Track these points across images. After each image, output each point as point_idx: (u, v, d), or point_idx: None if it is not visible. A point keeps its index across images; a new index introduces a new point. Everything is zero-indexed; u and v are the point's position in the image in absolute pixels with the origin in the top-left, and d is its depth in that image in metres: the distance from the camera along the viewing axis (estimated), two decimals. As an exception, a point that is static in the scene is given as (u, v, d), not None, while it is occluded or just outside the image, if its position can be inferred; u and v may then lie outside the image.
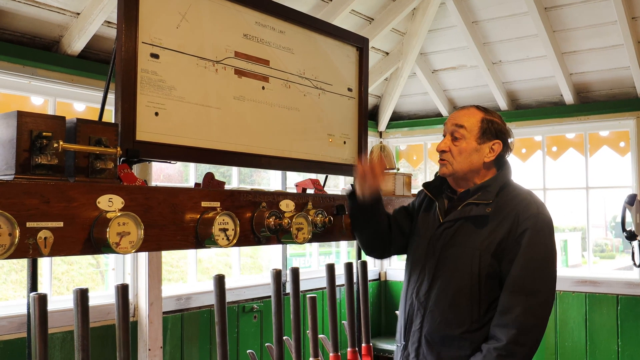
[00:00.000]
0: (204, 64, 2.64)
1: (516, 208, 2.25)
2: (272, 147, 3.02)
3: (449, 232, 2.32)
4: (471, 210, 2.28)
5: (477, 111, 2.35)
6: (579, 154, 5.13)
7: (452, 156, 2.34)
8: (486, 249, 2.23)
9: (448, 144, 2.36)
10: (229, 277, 4.71)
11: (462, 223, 2.30)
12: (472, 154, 2.31)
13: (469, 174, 2.34)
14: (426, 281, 2.35)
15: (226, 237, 2.38)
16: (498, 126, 2.33)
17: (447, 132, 2.38)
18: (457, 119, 2.36)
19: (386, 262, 6.05)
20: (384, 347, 5.36)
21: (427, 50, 5.30)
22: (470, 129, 2.31)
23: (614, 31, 4.41)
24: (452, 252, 2.30)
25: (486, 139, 2.30)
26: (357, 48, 3.68)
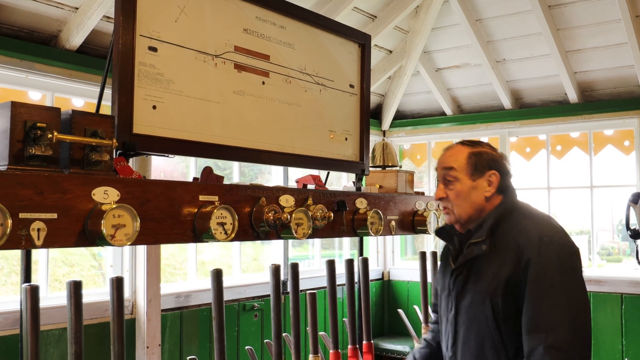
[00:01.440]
0: (203, 58, 2.62)
1: (517, 238, 2.08)
2: (272, 143, 2.99)
3: (460, 279, 2.19)
4: (472, 251, 2.15)
5: (462, 147, 2.23)
6: (584, 153, 5.09)
7: (450, 202, 2.20)
8: (495, 291, 2.06)
9: (443, 190, 2.22)
10: (229, 276, 4.69)
11: (470, 267, 2.16)
12: (471, 193, 2.17)
13: (474, 214, 2.18)
14: (451, 334, 2.23)
15: (224, 231, 2.36)
16: (488, 156, 2.20)
17: (439, 177, 2.26)
18: (444, 162, 2.24)
19: (389, 261, 6.02)
20: (387, 347, 5.33)
21: (430, 48, 5.27)
22: (460, 168, 2.18)
23: (618, 29, 4.37)
24: (466, 301, 2.16)
25: (480, 173, 2.17)
26: (359, 44, 3.66)
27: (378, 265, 6.03)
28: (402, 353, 5.16)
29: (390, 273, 6.00)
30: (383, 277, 6.01)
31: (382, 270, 6.03)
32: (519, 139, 5.42)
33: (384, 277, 6.00)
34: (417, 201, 3.87)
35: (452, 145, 2.28)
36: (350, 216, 3.22)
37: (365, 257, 3.43)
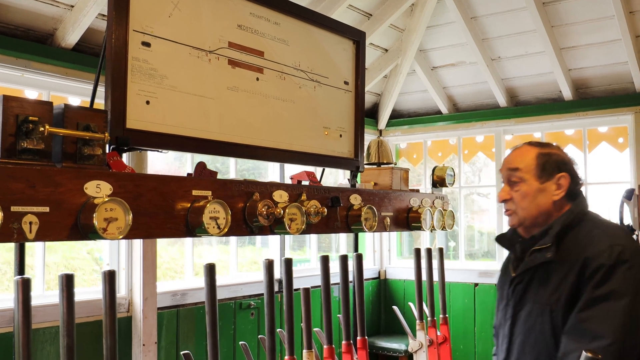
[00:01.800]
0: (197, 54, 2.63)
1: (585, 248, 1.93)
2: (267, 139, 3.00)
3: (520, 288, 2.06)
4: (535, 258, 2.02)
5: (530, 148, 2.12)
6: (578, 150, 5.11)
7: (515, 204, 2.08)
8: (556, 302, 1.93)
9: (507, 191, 2.10)
10: (226, 275, 4.70)
11: (532, 275, 2.04)
12: (537, 195, 2.04)
13: (539, 218, 2.06)
14: (505, 346, 2.12)
15: (217, 226, 2.36)
16: (558, 158, 2.08)
17: (504, 179, 2.15)
18: (510, 162, 2.13)
19: (386, 260, 6.03)
20: (383, 345, 5.34)
21: (426, 46, 5.28)
22: (527, 169, 2.06)
23: (612, 26, 4.39)
24: (524, 312, 2.03)
25: (548, 175, 2.04)
26: (354, 41, 3.67)
27: (375, 264, 6.04)
28: (397, 351, 5.17)
29: (386, 272, 6.01)
30: (380, 276, 6.02)
31: (378, 269, 6.04)
32: (514, 137, 5.44)
33: (380, 276, 6.01)
34: (411, 198, 3.88)
35: (520, 145, 2.18)
36: (344, 212, 3.23)
37: (360, 253, 3.43)
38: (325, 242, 6.00)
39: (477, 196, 7.79)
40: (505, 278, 2.19)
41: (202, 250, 5.22)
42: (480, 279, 5.37)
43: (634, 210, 4.48)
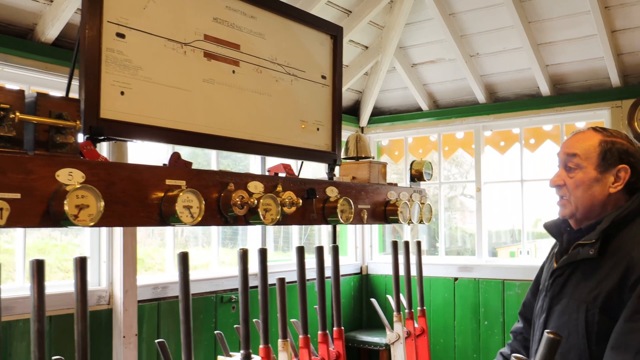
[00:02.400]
0: (172, 46, 2.66)
1: (634, 249, 1.83)
2: (243, 131, 3.04)
3: (560, 281, 1.98)
4: (578, 253, 1.93)
5: (594, 133, 1.99)
6: (556, 145, 5.17)
7: (568, 191, 1.98)
8: (594, 301, 1.84)
9: (562, 177, 2.00)
10: (207, 269, 4.73)
11: (573, 269, 1.95)
12: (593, 185, 1.94)
13: (592, 210, 1.96)
14: (537, 338, 2.05)
15: (190, 215, 2.40)
16: (622, 147, 1.95)
17: (560, 163, 2.03)
18: (569, 147, 2.01)
19: (368, 256, 6.08)
20: (364, 339, 5.38)
21: (405, 44, 5.33)
22: (586, 155, 1.95)
23: (588, 21, 4.45)
24: (560, 306, 1.96)
25: (608, 165, 1.93)
26: (331, 36, 3.71)
27: (357, 259, 6.09)
28: (378, 344, 5.22)
29: (368, 267, 6.06)
30: (361, 271, 6.06)
31: (360, 264, 6.08)
32: (494, 133, 5.50)
33: (362, 271, 6.06)
34: (389, 191, 3.94)
35: (583, 130, 2.04)
36: (320, 204, 3.28)
37: (336, 245, 3.48)
38: (309, 240, 6.05)
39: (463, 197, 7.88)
40: (548, 267, 2.12)
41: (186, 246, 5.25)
42: (460, 274, 5.43)
43: (609, 204, 4.55)
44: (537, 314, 2.10)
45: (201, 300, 4.36)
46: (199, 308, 4.32)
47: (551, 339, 1.65)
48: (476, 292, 5.35)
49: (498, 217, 6.14)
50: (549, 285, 2.02)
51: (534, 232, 7.67)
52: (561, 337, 1.66)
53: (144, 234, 5.01)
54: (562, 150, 2.04)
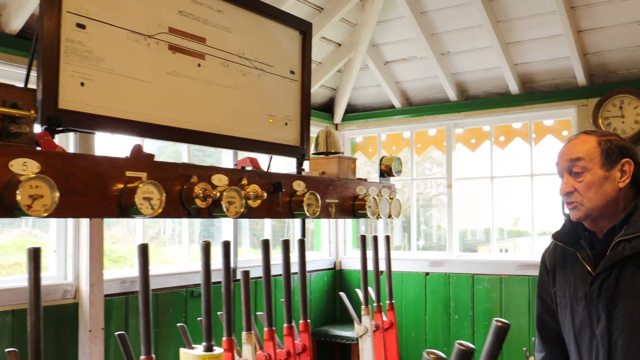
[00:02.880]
0: (135, 38, 2.67)
1: None
2: (208, 124, 3.05)
3: (609, 283, 1.94)
4: (624, 248, 1.91)
5: (589, 136, 2.04)
6: (525, 143, 5.24)
7: (580, 195, 1.98)
8: None
9: (571, 183, 2.00)
10: (177, 264, 4.73)
11: (622, 268, 1.92)
12: (603, 184, 1.96)
13: (606, 208, 1.97)
14: (602, 348, 1.95)
15: (151, 207, 2.41)
16: (619, 143, 2.02)
17: (564, 170, 2.04)
18: (570, 152, 2.03)
19: (341, 251, 6.11)
20: (337, 333, 5.41)
21: (378, 41, 5.36)
22: (590, 157, 1.98)
23: (555, 21, 4.50)
24: (623, 308, 1.91)
25: (612, 162, 1.98)
26: (300, 31, 3.73)
27: (330, 255, 6.11)
28: (350, 338, 5.24)
29: (342, 263, 6.09)
30: (335, 266, 6.09)
31: (334, 260, 6.11)
32: (465, 131, 5.55)
33: (336, 266, 6.09)
34: (357, 186, 3.97)
35: (577, 135, 2.08)
36: (287, 198, 3.30)
37: (303, 238, 3.51)
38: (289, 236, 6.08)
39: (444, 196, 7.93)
40: (573, 278, 2.06)
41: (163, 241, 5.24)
42: (431, 269, 5.48)
43: (575, 201, 4.62)
44: (582, 327, 2.03)
45: (171, 294, 4.36)
46: (169, 302, 4.32)
47: (499, 326, 1.70)
48: (447, 287, 5.40)
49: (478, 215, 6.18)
50: (595, 292, 1.97)
51: (513, 230, 7.76)
52: (508, 325, 1.70)
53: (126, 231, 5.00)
54: (563, 158, 2.04)
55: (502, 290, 5.13)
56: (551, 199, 4.94)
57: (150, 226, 5.08)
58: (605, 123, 4.58)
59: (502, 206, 5.66)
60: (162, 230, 5.22)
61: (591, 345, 2.00)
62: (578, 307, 2.03)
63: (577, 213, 2.01)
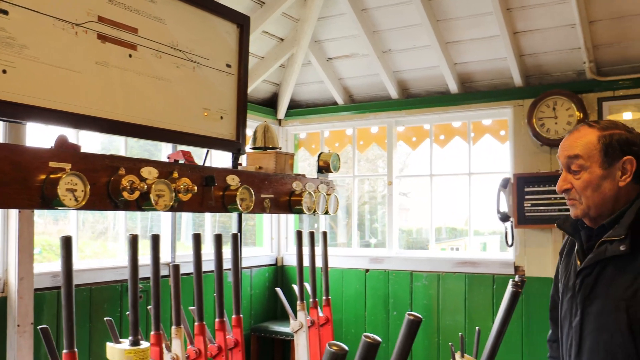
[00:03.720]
0: (62, 26, 2.61)
1: None
2: (140, 116, 3.01)
3: (589, 281, 1.94)
4: (606, 250, 1.89)
5: (590, 129, 1.95)
6: (464, 141, 5.33)
7: (578, 193, 1.95)
8: (632, 298, 1.82)
9: (568, 180, 1.97)
10: (113, 258, 4.66)
11: (603, 267, 1.91)
12: (601, 183, 1.91)
13: (605, 207, 1.93)
14: (574, 342, 1.99)
15: (74, 198, 2.36)
16: (621, 137, 1.92)
17: (563, 166, 2.01)
18: (569, 148, 1.97)
19: (283, 247, 6.11)
20: (276, 329, 5.42)
21: (320, 37, 5.38)
22: (589, 154, 1.92)
23: (491, 22, 4.59)
24: (595, 307, 1.92)
25: (612, 159, 1.91)
26: (238, 25, 3.71)
27: (272, 251, 6.11)
28: (289, 334, 5.25)
29: (283, 259, 6.09)
30: (277, 262, 6.09)
31: (276, 256, 6.11)
32: (406, 129, 5.62)
33: (277, 262, 6.09)
34: (294, 182, 3.97)
35: (578, 127, 2.00)
36: (220, 192, 3.28)
37: (236, 233, 3.50)
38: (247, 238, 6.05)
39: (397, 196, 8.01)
40: (569, 267, 2.08)
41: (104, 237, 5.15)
42: (371, 265, 5.53)
43: (509, 198, 4.75)
44: (565, 317, 2.06)
45: (106, 289, 4.29)
46: (104, 297, 4.25)
47: (412, 320, 1.73)
48: (386, 283, 5.46)
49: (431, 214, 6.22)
50: (577, 286, 1.98)
51: (465, 229, 7.88)
52: (421, 318, 1.74)
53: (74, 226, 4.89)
54: (562, 154, 2.00)
55: (439, 287, 5.22)
56: (488, 197, 5.03)
57: (100, 220, 4.99)
58: (539, 124, 4.69)
59: (454, 205, 5.76)
60: (110, 225, 5.12)
61: (568, 336, 2.03)
62: (566, 296, 2.06)
63: (575, 211, 1.99)
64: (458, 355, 2.42)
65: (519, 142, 4.92)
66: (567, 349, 2.05)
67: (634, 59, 4.55)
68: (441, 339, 5.17)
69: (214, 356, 3.18)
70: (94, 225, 4.45)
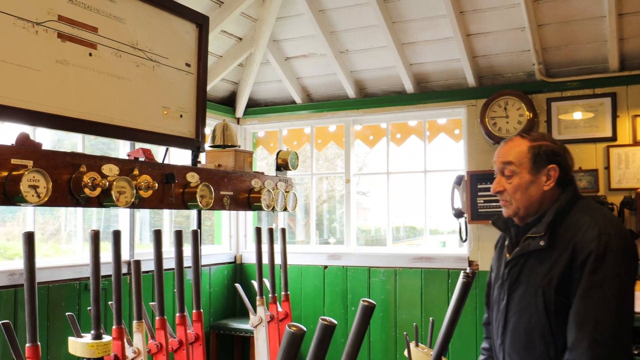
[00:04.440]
0: (22, 24, 2.63)
1: (576, 234, 2.11)
2: (100, 114, 3.04)
3: (515, 270, 2.25)
4: (529, 245, 2.20)
5: (522, 140, 2.26)
6: (420, 140, 5.46)
7: (509, 195, 2.24)
8: (548, 284, 2.12)
9: (502, 184, 2.26)
10: (72, 255, 4.65)
11: (526, 259, 2.22)
12: (529, 187, 2.21)
13: (532, 208, 2.23)
14: (501, 323, 2.29)
15: (37, 195, 2.40)
16: (548, 148, 2.23)
17: (497, 171, 2.29)
18: (503, 155, 2.27)
19: (242, 245, 6.15)
20: (236, 326, 5.46)
21: (279, 37, 5.44)
22: (520, 162, 2.22)
23: (445, 24, 4.73)
24: (519, 292, 2.22)
25: (540, 167, 2.21)
26: (197, 25, 3.77)
27: (231, 249, 6.15)
28: (249, 331, 5.31)
29: (242, 257, 6.14)
30: (235, 260, 6.13)
31: (234, 254, 6.15)
32: (363, 127, 5.73)
33: (236, 260, 6.13)
34: (253, 179, 4.04)
35: (512, 138, 2.29)
36: (180, 189, 3.34)
37: (196, 229, 3.55)
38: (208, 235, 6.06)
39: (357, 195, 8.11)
40: (500, 258, 2.37)
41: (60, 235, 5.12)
42: (330, 262, 5.62)
43: (463, 195, 4.90)
44: (495, 301, 2.34)
45: (64, 287, 4.28)
46: (61, 295, 4.23)
47: (366, 306, 1.82)
48: (344, 279, 5.56)
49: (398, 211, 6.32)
50: (505, 275, 2.27)
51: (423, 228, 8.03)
52: (374, 304, 1.83)
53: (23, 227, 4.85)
54: (498, 160, 2.28)
55: (396, 282, 5.34)
56: (444, 194, 5.17)
57: (50, 222, 4.96)
58: (491, 123, 4.86)
59: (411, 203, 5.87)
60: (62, 226, 5.09)
61: (497, 318, 2.33)
62: (496, 284, 2.36)
63: (507, 211, 2.28)
64: (413, 344, 2.53)
65: (473, 141, 5.08)
66: (496, 329, 2.33)
67: (581, 62, 4.76)
68: (398, 332, 5.30)
69: (175, 350, 3.23)
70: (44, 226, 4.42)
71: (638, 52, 4.57)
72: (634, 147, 4.52)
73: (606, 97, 4.63)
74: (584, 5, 4.38)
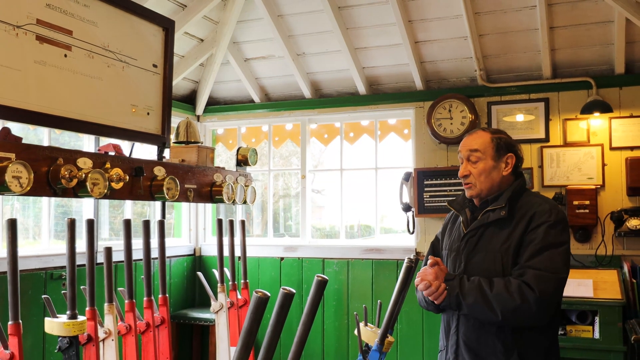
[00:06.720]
0: (4, 27, 2.85)
1: (532, 208, 2.47)
2: (75, 111, 3.27)
3: (473, 240, 2.54)
4: (489, 217, 2.51)
5: (485, 132, 2.60)
6: (371, 139, 5.80)
7: (474, 178, 2.56)
8: (506, 250, 2.44)
9: (468, 168, 2.58)
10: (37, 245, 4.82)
11: (484, 230, 2.52)
12: (492, 171, 2.54)
13: (491, 190, 2.55)
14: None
15: (20, 184, 2.62)
16: (507, 140, 2.60)
17: (464, 157, 2.61)
18: (469, 144, 2.59)
19: (201, 238, 6.38)
20: (196, 316, 5.68)
21: (239, 39, 5.71)
22: (484, 150, 2.55)
23: (395, 32, 5.07)
24: (477, 258, 2.51)
25: (501, 154, 2.55)
26: (164, 28, 4.01)
27: (190, 242, 6.37)
28: (210, 320, 5.54)
29: (201, 249, 6.36)
30: (195, 252, 6.36)
31: (194, 246, 6.37)
32: (318, 126, 6.03)
33: (195, 252, 6.36)
34: (215, 173, 4.30)
35: (476, 130, 2.65)
36: (148, 182, 3.58)
37: (162, 220, 3.80)
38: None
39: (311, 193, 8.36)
40: (453, 234, 2.67)
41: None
42: (286, 253, 5.90)
43: (411, 190, 5.25)
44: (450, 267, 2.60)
45: (30, 277, 4.44)
46: (28, 285, 4.39)
47: (320, 281, 2.11)
48: (300, 270, 5.85)
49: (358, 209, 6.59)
50: (462, 246, 2.56)
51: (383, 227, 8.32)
52: (327, 279, 2.13)
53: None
54: (464, 148, 2.61)
55: (349, 272, 5.65)
56: (393, 190, 5.51)
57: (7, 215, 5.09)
58: (437, 124, 5.22)
59: (364, 200, 6.17)
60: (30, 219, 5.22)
61: None
62: (450, 257, 2.63)
63: (470, 192, 2.60)
64: (362, 324, 2.80)
65: (420, 140, 5.44)
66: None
67: (518, 69, 5.17)
68: (350, 319, 5.62)
69: (143, 332, 3.47)
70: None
71: (568, 61, 5.01)
72: (564, 148, 4.96)
73: (540, 101, 5.06)
74: (520, 18, 4.79)
